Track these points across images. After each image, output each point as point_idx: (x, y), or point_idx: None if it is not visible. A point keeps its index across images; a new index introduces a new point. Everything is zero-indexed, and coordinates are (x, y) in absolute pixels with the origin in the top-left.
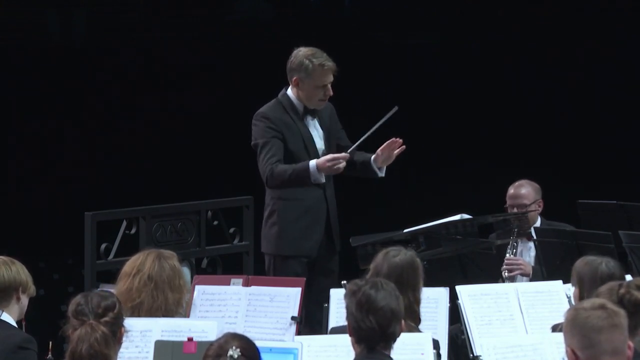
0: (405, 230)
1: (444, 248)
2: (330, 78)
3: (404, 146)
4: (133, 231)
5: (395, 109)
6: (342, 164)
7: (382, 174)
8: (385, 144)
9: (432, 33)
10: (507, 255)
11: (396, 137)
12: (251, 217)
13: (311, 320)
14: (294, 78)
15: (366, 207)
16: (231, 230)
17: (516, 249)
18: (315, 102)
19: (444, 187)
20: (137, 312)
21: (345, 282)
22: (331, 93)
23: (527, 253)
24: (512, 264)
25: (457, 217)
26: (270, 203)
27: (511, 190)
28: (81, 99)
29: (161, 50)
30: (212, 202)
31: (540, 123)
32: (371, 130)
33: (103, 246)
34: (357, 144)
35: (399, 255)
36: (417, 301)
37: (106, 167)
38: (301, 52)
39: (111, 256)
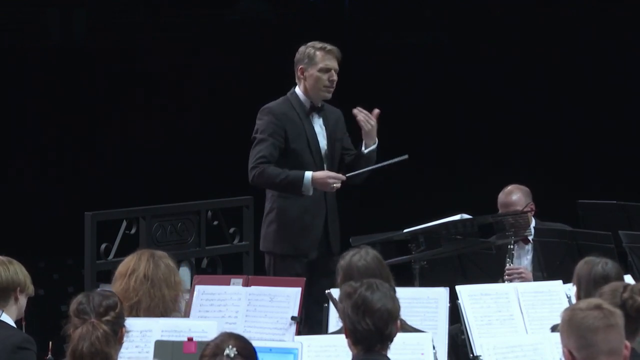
0: (405, 230)
1: (444, 248)
2: (334, 64)
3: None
4: (133, 231)
5: (405, 157)
6: (338, 185)
7: (372, 147)
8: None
9: (432, 33)
10: (507, 264)
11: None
12: (251, 217)
13: (311, 320)
14: (299, 68)
15: (366, 207)
16: (231, 230)
17: (513, 256)
18: (321, 91)
19: (444, 187)
20: (135, 311)
21: (329, 291)
22: (335, 78)
23: (524, 257)
24: (512, 273)
25: (457, 217)
26: (270, 201)
27: (502, 198)
28: (81, 99)
29: (161, 50)
30: (212, 202)
31: (539, 123)
32: (374, 167)
33: (103, 246)
34: (357, 172)
35: (362, 258)
36: (394, 289)
37: (106, 167)
38: (306, 44)
39: (111, 256)
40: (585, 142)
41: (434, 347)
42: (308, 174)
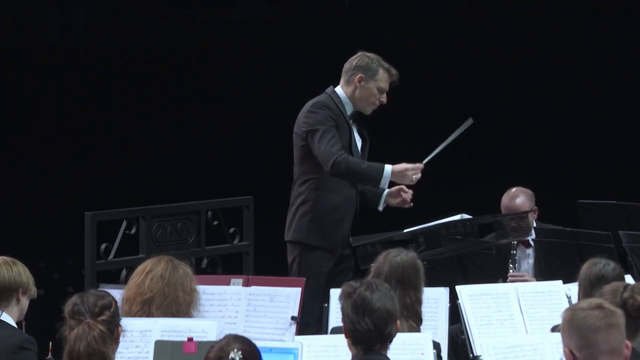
0: (405, 230)
1: (444, 248)
2: (388, 87)
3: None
4: (133, 231)
5: (470, 121)
6: (418, 176)
7: (381, 208)
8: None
9: (432, 33)
10: (510, 271)
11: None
12: (251, 217)
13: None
14: (358, 76)
15: (366, 207)
16: (231, 230)
17: (516, 262)
18: (368, 105)
19: (444, 187)
20: (147, 307)
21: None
22: (385, 101)
23: (525, 260)
24: (516, 280)
25: (457, 217)
26: (304, 192)
27: (505, 201)
28: (81, 99)
29: (161, 51)
30: (212, 202)
31: (539, 123)
32: (445, 143)
33: (103, 246)
34: (432, 155)
35: (400, 255)
36: (419, 301)
37: (106, 167)
38: (370, 55)
39: (111, 256)
40: (585, 142)
41: (439, 348)
42: (388, 167)
